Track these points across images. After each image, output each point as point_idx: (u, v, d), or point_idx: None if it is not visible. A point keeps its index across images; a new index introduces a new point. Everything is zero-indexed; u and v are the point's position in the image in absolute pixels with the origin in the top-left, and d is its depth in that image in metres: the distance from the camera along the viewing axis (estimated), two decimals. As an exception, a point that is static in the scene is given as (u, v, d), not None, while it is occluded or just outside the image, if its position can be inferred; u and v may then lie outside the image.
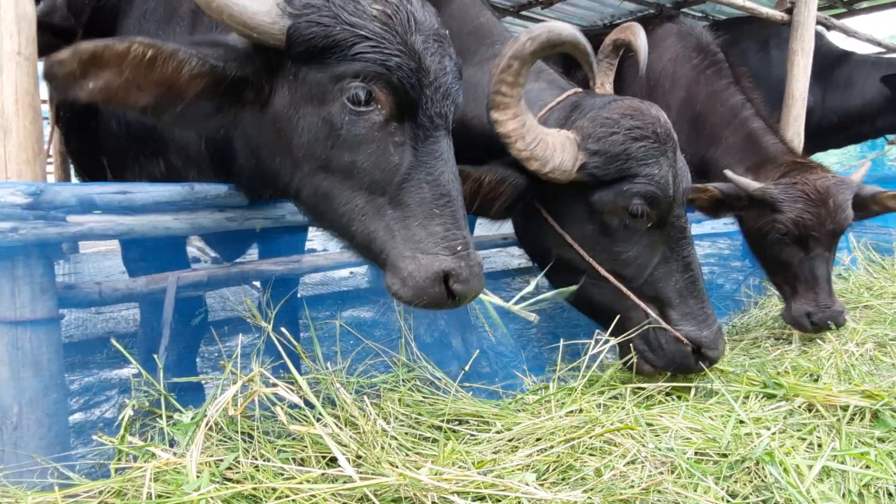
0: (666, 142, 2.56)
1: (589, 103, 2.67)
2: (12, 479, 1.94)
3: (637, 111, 2.55)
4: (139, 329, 2.71)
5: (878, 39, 6.69)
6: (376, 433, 2.14)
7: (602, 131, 2.50)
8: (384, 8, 1.76)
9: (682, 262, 2.66)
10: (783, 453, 1.98)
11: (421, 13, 1.85)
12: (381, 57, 1.73)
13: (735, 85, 4.11)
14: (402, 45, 1.76)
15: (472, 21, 3.18)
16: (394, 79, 1.76)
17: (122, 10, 2.68)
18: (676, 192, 2.59)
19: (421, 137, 1.85)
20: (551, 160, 2.45)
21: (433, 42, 1.85)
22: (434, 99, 1.84)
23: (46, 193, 1.98)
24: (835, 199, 3.44)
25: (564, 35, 2.30)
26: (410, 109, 1.83)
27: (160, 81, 1.70)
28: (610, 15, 7.64)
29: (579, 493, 1.81)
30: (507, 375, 3.03)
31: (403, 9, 1.79)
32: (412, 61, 1.78)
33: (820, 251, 3.48)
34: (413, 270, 1.77)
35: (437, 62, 1.85)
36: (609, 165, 2.49)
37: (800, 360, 3.08)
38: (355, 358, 2.81)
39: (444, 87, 1.87)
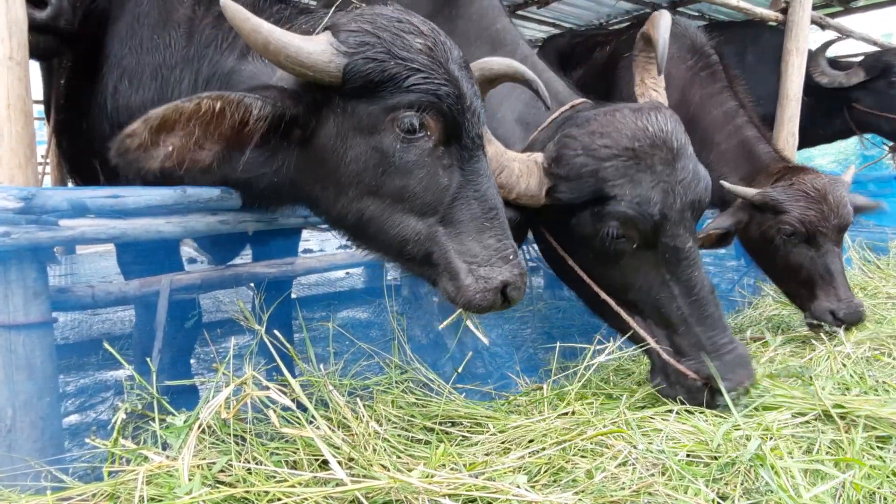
0: (650, 154, 2.35)
1: (573, 120, 2.56)
2: (6, 483, 1.95)
3: (611, 126, 2.38)
4: (133, 331, 2.71)
5: (873, 38, 6.70)
6: (368, 435, 2.15)
7: (566, 153, 2.40)
8: (425, 41, 1.88)
9: (684, 285, 2.43)
10: (776, 457, 1.99)
11: (450, 43, 1.99)
12: (432, 87, 1.85)
13: (729, 89, 4.12)
14: (446, 75, 1.89)
15: (489, 28, 3.18)
16: (444, 107, 1.88)
17: (112, 13, 2.68)
18: (670, 209, 2.36)
19: (465, 158, 1.99)
20: (516, 187, 2.41)
21: (463, 69, 1.99)
22: (472, 122, 1.98)
23: (38, 198, 1.98)
24: (834, 195, 3.45)
25: (497, 69, 2.37)
26: (456, 133, 1.95)
27: (226, 133, 1.78)
28: (606, 14, 7.65)
29: (570, 495, 1.83)
30: (501, 377, 3.04)
31: (439, 41, 1.93)
32: (455, 89, 1.91)
33: (830, 247, 3.47)
34: (475, 284, 1.91)
35: (470, 88, 1.98)
36: (576, 189, 2.39)
37: (792, 361, 3.09)
38: (349, 359, 2.82)
39: (478, 110, 2.01)
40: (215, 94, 1.70)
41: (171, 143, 1.65)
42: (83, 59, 2.76)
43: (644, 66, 2.95)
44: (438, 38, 1.95)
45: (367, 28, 1.85)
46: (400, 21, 1.89)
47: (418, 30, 1.90)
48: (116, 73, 2.56)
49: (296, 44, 1.75)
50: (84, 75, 2.72)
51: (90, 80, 2.67)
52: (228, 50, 2.28)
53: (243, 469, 1.88)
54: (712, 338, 2.42)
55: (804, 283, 3.57)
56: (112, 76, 2.57)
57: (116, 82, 2.55)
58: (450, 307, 3.60)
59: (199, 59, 2.34)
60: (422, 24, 1.95)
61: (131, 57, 2.53)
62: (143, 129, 1.59)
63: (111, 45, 2.62)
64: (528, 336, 3.94)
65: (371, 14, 1.91)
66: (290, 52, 1.75)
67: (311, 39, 1.81)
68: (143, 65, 2.49)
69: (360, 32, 1.84)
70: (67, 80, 2.90)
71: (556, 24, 7.85)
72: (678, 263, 2.43)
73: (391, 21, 1.88)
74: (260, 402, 2.09)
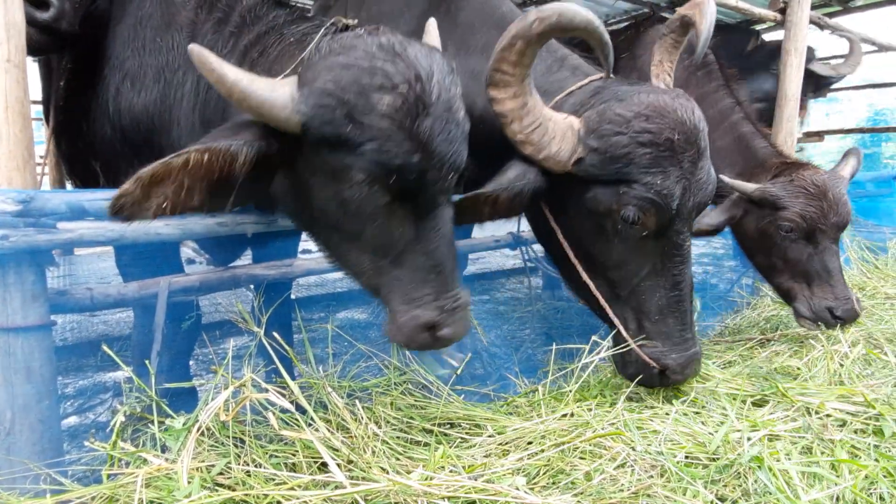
0: (683, 150, 2.35)
1: (611, 91, 2.49)
2: (5, 486, 1.95)
3: (657, 111, 2.34)
4: (132, 333, 2.72)
5: (871, 38, 6.70)
6: (367, 437, 2.16)
7: (608, 128, 2.33)
8: (394, 99, 1.77)
9: (672, 279, 2.51)
10: (773, 458, 2.00)
11: (432, 88, 1.84)
12: (385, 157, 1.80)
13: (725, 87, 4.13)
14: (407, 139, 1.80)
15: (494, 12, 3.14)
16: (401, 172, 1.84)
17: (114, 15, 2.68)
18: (683, 206, 2.40)
19: (422, 215, 1.98)
20: (546, 148, 2.35)
21: (443, 115, 1.86)
22: (437, 179, 1.92)
23: (37, 200, 1.98)
24: (833, 192, 3.44)
25: (577, 20, 2.16)
26: (412, 194, 1.93)
27: (215, 179, 1.79)
28: (605, 14, 7.64)
29: (569, 497, 1.83)
30: (500, 378, 3.05)
31: (413, 94, 1.79)
32: (418, 152, 1.83)
33: (828, 244, 3.46)
34: (401, 322, 2.01)
35: (445, 139, 1.88)
36: (608, 166, 2.35)
37: (790, 362, 3.10)
38: (348, 361, 2.82)
39: (449, 163, 1.93)
40: (202, 146, 1.70)
41: (163, 195, 1.67)
42: (84, 59, 2.76)
43: (668, 48, 2.89)
44: (415, 90, 1.79)
45: (331, 87, 1.78)
46: (373, 73, 1.78)
47: (390, 84, 1.77)
48: (119, 75, 2.56)
49: (258, 95, 1.75)
50: (85, 76, 2.72)
51: (91, 82, 2.67)
52: (228, 55, 2.28)
53: (242, 472, 1.88)
54: (681, 330, 2.54)
55: (801, 279, 3.55)
56: (114, 78, 2.57)
57: (119, 84, 2.55)
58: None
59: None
60: (402, 71, 1.79)
61: (134, 59, 2.53)
62: (134, 187, 1.61)
63: (113, 46, 2.62)
64: (527, 337, 3.94)
65: (342, 65, 1.80)
66: (251, 104, 1.76)
67: (276, 89, 1.78)
68: (145, 67, 2.49)
69: (323, 93, 1.78)
70: (67, 81, 2.90)
71: (554, 23, 7.84)
72: (673, 257, 2.50)
73: (361, 75, 1.77)
74: (259, 404, 2.09)
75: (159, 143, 2.45)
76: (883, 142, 12.65)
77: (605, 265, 2.57)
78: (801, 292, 3.55)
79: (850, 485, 1.89)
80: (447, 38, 3.26)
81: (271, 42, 2.20)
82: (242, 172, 1.81)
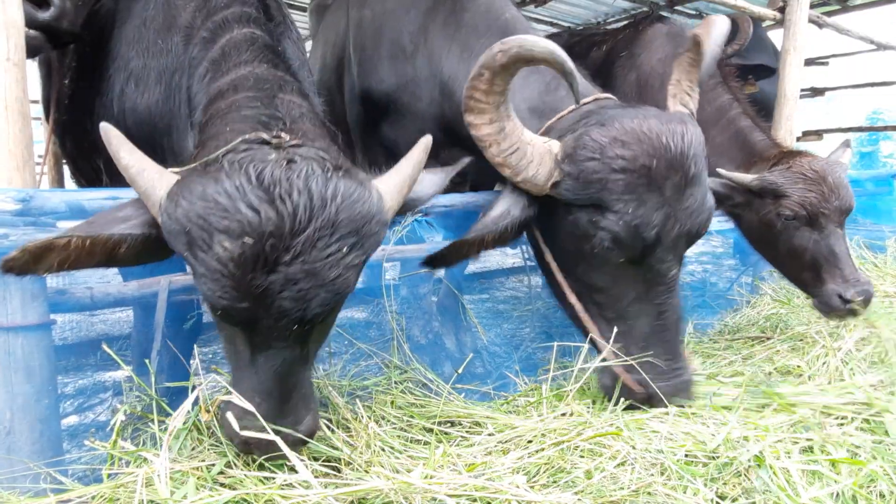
0: (665, 177, 2.28)
1: (599, 115, 2.47)
2: (5, 485, 1.95)
3: (635, 137, 2.28)
4: (132, 332, 2.71)
5: (870, 37, 6.70)
6: (368, 436, 2.16)
7: (582, 154, 2.31)
8: (233, 248, 1.58)
9: (656, 307, 2.46)
10: (773, 456, 2.00)
11: (291, 245, 1.61)
12: (212, 298, 1.69)
13: (723, 84, 4.12)
14: (236, 289, 1.63)
15: (498, 18, 3.13)
16: (222, 311, 1.72)
17: (119, 14, 2.68)
18: (664, 235, 2.33)
19: (259, 349, 1.81)
20: (524, 171, 2.37)
21: (296, 275, 1.63)
22: (273, 328, 1.73)
23: (36, 200, 1.98)
24: (833, 177, 3.40)
25: (537, 50, 2.14)
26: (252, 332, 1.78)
27: (107, 257, 1.75)
28: (604, 13, 7.66)
29: (569, 496, 1.83)
30: (500, 376, 3.05)
31: (259, 248, 1.59)
32: (246, 302, 1.65)
33: (832, 228, 3.39)
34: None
35: (292, 297, 1.65)
36: (581, 192, 2.34)
37: (791, 360, 3.10)
38: (348, 360, 2.82)
39: (295, 317, 1.71)
40: (84, 234, 1.65)
41: (52, 264, 1.65)
42: (89, 58, 2.75)
43: (686, 67, 2.83)
44: (265, 243, 1.60)
45: (181, 214, 1.64)
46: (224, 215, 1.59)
47: (238, 231, 1.59)
48: (123, 76, 2.56)
49: (141, 185, 1.73)
50: (90, 75, 2.72)
51: (96, 81, 2.68)
52: (202, 93, 2.24)
53: (242, 471, 1.88)
54: (667, 361, 2.46)
55: (809, 267, 3.48)
56: (119, 78, 2.57)
57: (123, 84, 2.56)
58: (448, 306, 3.61)
59: (191, 69, 2.34)
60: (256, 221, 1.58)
61: (138, 60, 2.53)
62: (22, 255, 1.59)
63: (118, 46, 2.62)
64: (527, 335, 3.94)
65: (201, 195, 1.63)
66: (138, 190, 1.75)
67: (157, 186, 1.71)
68: (149, 68, 2.49)
69: (174, 215, 1.66)
70: (72, 79, 2.90)
71: (553, 23, 7.85)
72: (657, 286, 2.45)
73: (212, 212, 1.60)
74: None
75: (162, 144, 2.45)
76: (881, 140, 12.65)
77: (591, 287, 2.56)
78: (811, 282, 3.49)
79: (851, 482, 1.89)
80: (451, 39, 3.27)
81: (223, 110, 2.02)
82: (133, 253, 1.77)
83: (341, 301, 1.82)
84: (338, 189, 1.69)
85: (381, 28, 3.68)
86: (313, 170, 1.69)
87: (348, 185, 1.73)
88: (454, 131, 3.29)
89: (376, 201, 1.80)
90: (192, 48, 2.34)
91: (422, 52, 3.41)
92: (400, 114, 3.62)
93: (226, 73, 2.15)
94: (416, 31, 3.46)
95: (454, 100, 3.18)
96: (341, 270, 1.70)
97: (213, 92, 2.13)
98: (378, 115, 3.76)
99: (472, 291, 4.59)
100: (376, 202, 1.80)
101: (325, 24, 4.87)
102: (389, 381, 2.64)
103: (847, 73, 9.64)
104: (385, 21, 3.67)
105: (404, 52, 3.50)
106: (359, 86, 3.85)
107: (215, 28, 2.32)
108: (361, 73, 3.82)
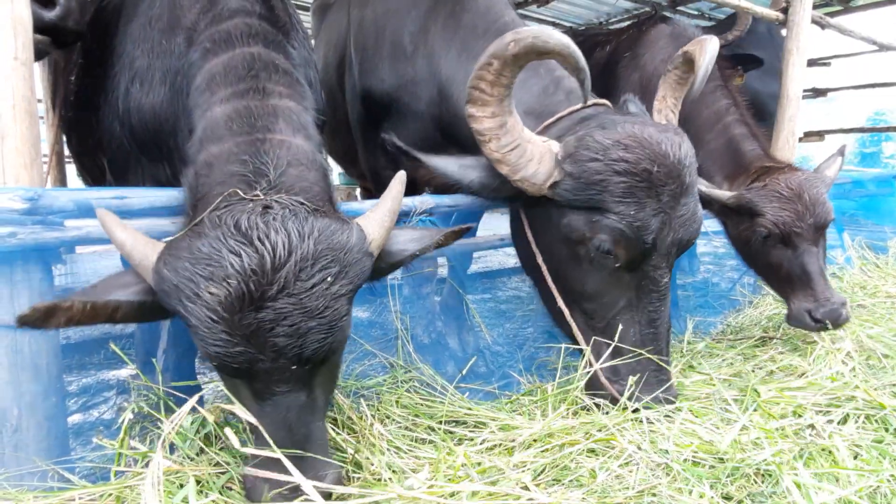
0: (663, 183, 2.30)
1: (598, 119, 2.48)
2: (13, 482, 1.95)
3: (638, 142, 2.29)
4: (136, 331, 2.72)
5: (873, 38, 6.71)
6: (373, 436, 2.16)
7: (584, 154, 2.30)
8: (218, 291, 1.64)
9: (647, 315, 2.46)
10: (781, 458, 2.00)
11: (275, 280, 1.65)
12: (205, 346, 1.71)
13: (723, 88, 4.10)
14: (226, 332, 1.66)
15: (497, 20, 3.13)
16: (219, 360, 1.73)
17: (125, 12, 2.68)
18: (660, 241, 2.34)
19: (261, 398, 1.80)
20: (523, 169, 2.34)
21: (285, 309, 1.66)
22: (273, 369, 1.73)
23: (44, 198, 1.99)
24: (809, 194, 3.39)
25: (552, 43, 2.13)
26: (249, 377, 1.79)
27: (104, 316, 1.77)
28: (606, 13, 7.67)
29: (574, 495, 1.83)
30: (504, 375, 3.05)
31: (244, 287, 1.63)
32: (239, 346, 1.67)
33: (806, 247, 3.40)
34: None
35: (285, 333, 1.67)
36: (581, 193, 2.32)
37: (791, 361, 3.10)
38: (352, 360, 2.83)
39: (291, 355, 1.71)
40: (84, 299, 1.69)
41: (61, 319, 1.68)
42: (93, 56, 2.75)
43: (673, 84, 2.88)
44: (248, 282, 1.64)
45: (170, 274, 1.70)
46: (209, 262, 1.66)
47: (222, 274, 1.64)
48: (128, 75, 2.56)
49: (134, 258, 1.79)
50: (94, 73, 2.72)
51: (101, 79, 2.68)
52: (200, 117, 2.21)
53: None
54: (655, 372, 2.46)
55: (783, 282, 3.52)
56: (124, 77, 2.57)
57: (128, 84, 2.56)
58: (452, 306, 3.62)
59: (189, 76, 2.32)
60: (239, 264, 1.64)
61: (143, 59, 2.53)
62: (33, 314, 1.63)
63: (124, 45, 2.62)
64: (530, 335, 3.95)
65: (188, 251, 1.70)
66: (133, 262, 1.80)
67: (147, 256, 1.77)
68: (153, 69, 2.49)
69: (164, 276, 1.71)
70: (77, 77, 2.90)
71: (555, 23, 7.86)
72: (650, 293, 2.44)
73: (199, 262, 1.67)
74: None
75: (168, 144, 2.45)
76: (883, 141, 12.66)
77: (581, 294, 2.53)
78: (786, 295, 3.53)
79: (858, 488, 1.89)
80: (450, 40, 3.27)
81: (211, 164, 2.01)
82: (131, 317, 1.81)
83: (339, 341, 1.80)
84: (314, 225, 1.75)
85: (382, 28, 3.68)
86: (290, 212, 1.76)
87: (325, 221, 1.79)
88: (451, 132, 3.30)
89: (356, 233, 1.85)
90: (193, 52, 2.32)
91: (422, 52, 3.41)
92: (400, 114, 3.62)
93: (222, 103, 2.13)
94: (417, 31, 3.46)
95: (451, 101, 3.19)
96: (329, 301, 1.71)
97: (208, 126, 2.10)
98: (379, 114, 3.76)
99: (474, 291, 4.60)
100: (356, 233, 1.84)
101: (327, 23, 4.88)
102: (395, 381, 2.65)
103: (849, 73, 9.65)
104: (386, 21, 3.67)
105: (405, 52, 3.50)
106: (359, 86, 3.85)
107: (218, 40, 2.29)
108: (362, 72, 3.83)
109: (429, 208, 2.71)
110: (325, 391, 1.92)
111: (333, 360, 1.91)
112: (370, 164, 4.12)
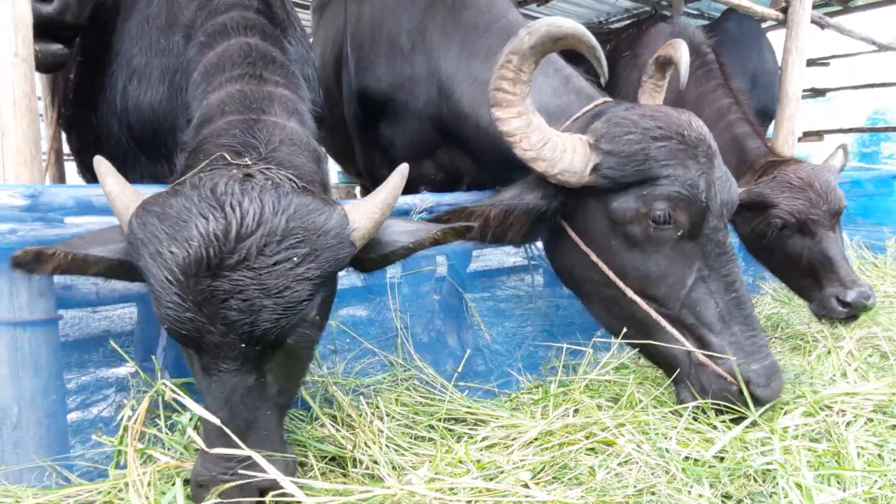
0: (696, 145, 2.33)
1: (612, 111, 2.49)
2: (13, 479, 1.96)
3: (660, 114, 2.36)
4: (135, 329, 2.72)
5: (872, 38, 6.72)
6: (372, 434, 2.16)
7: (617, 130, 2.32)
8: (178, 252, 1.59)
9: (724, 281, 2.34)
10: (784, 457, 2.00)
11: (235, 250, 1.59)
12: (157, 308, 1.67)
13: (724, 87, 4.10)
14: (179, 296, 1.61)
15: (499, 19, 3.11)
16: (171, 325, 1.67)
17: (123, 9, 2.68)
18: (711, 200, 2.32)
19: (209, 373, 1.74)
20: (560, 162, 2.30)
21: (240, 280, 1.59)
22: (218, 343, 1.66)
23: (44, 195, 1.99)
24: (819, 182, 3.40)
25: (566, 27, 2.17)
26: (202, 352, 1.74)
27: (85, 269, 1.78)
28: (606, 13, 7.67)
29: (574, 494, 1.84)
30: (503, 374, 3.05)
31: (203, 252, 1.58)
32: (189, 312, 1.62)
33: (824, 233, 3.38)
34: None
35: (236, 307, 1.60)
36: (625, 166, 2.30)
37: (792, 360, 3.11)
38: (351, 358, 2.83)
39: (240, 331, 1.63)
40: (66, 249, 1.70)
41: (48, 266, 1.70)
42: (92, 53, 2.75)
43: (650, 93, 2.91)
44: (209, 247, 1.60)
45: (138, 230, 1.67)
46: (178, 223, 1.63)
47: (186, 236, 1.62)
48: (126, 73, 2.55)
49: (118, 212, 1.78)
50: (93, 70, 2.72)
51: (100, 76, 2.67)
52: (195, 104, 2.23)
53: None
54: (752, 338, 2.34)
55: (806, 273, 3.47)
56: (122, 75, 2.57)
57: (126, 81, 2.55)
58: (451, 304, 3.62)
59: (188, 72, 2.32)
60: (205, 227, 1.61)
61: (141, 57, 2.53)
62: (24, 256, 1.66)
63: (122, 42, 2.61)
64: (529, 334, 3.95)
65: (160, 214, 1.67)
66: (116, 213, 1.79)
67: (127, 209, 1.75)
68: (151, 67, 2.49)
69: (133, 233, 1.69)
70: (76, 74, 2.90)
71: (555, 21, 7.84)
72: (719, 257, 2.36)
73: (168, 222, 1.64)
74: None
75: (167, 143, 2.45)
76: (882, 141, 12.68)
77: (645, 282, 2.40)
78: (809, 288, 3.48)
79: (863, 490, 1.89)
80: (450, 38, 3.25)
81: (204, 141, 2.00)
82: (107, 272, 1.81)
83: (294, 325, 1.69)
84: (292, 201, 1.68)
85: (379, 26, 3.65)
86: (271, 185, 1.70)
87: (305, 199, 1.71)
88: (451, 131, 3.28)
89: (336, 217, 1.75)
90: (190, 49, 2.32)
91: (420, 50, 3.39)
92: (397, 113, 3.59)
93: (217, 89, 2.12)
94: (415, 29, 3.44)
95: (452, 100, 3.17)
96: (291, 282, 1.63)
97: (203, 112, 2.10)
98: (375, 113, 3.74)
99: (474, 290, 4.59)
100: (336, 218, 1.75)
101: (325, 20, 4.85)
102: (394, 379, 2.65)
103: (848, 73, 9.66)
104: (383, 18, 3.65)
105: (402, 50, 3.48)
106: (356, 84, 3.83)
107: (214, 33, 2.29)
108: (359, 70, 3.80)
109: (429, 206, 2.70)
110: (280, 380, 1.80)
111: (293, 348, 1.79)
112: (367, 163, 4.10)
